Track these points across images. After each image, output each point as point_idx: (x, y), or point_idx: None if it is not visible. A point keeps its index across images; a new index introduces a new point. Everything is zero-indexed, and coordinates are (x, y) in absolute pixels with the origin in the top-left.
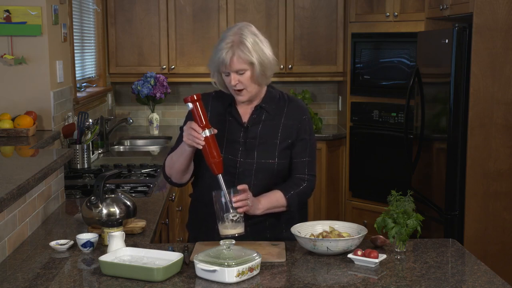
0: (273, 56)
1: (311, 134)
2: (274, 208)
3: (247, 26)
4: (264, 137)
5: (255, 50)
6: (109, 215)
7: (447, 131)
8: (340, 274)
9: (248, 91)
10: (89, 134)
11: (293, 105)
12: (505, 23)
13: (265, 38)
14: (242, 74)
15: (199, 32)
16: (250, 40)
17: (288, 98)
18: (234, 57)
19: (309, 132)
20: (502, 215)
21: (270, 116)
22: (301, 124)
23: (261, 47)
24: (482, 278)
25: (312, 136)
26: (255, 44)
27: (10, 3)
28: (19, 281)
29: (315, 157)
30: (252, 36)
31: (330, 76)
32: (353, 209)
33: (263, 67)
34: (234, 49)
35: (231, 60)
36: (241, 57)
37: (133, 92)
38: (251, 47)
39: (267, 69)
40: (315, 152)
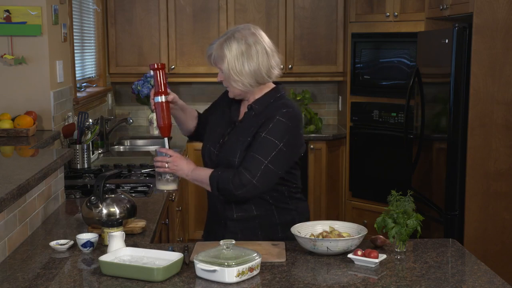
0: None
1: (270, 134)
2: (200, 183)
3: (245, 30)
4: (239, 135)
5: (229, 58)
6: (109, 215)
7: (447, 131)
8: (340, 274)
9: (231, 91)
10: (89, 134)
11: (274, 106)
12: (505, 23)
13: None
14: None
15: (199, 32)
16: (231, 47)
17: (278, 102)
18: (212, 56)
19: (269, 131)
20: (502, 215)
21: (255, 116)
22: (266, 121)
23: (239, 58)
24: (482, 278)
25: (271, 137)
26: (234, 53)
27: (10, 3)
28: (19, 281)
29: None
30: (238, 44)
31: (330, 76)
32: (353, 209)
33: (234, 75)
34: (216, 47)
35: (211, 57)
36: (215, 58)
37: (133, 92)
38: (227, 53)
39: (241, 77)
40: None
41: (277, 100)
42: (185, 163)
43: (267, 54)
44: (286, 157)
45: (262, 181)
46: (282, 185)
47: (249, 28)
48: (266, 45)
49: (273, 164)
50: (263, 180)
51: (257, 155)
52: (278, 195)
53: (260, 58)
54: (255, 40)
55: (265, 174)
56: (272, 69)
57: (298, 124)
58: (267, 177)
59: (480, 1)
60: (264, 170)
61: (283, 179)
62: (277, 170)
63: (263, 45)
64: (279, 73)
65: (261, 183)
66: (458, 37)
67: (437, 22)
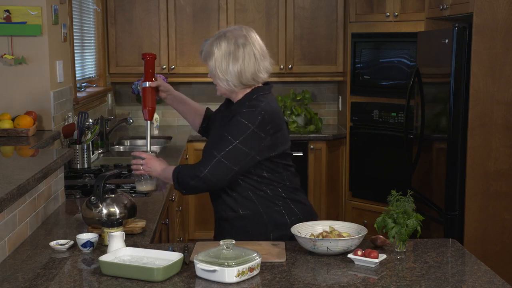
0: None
1: (227, 131)
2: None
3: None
4: (214, 136)
5: (217, 56)
6: (109, 215)
7: (447, 131)
8: (340, 274)
9: (218, 88)
10: (89, 134)
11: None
12: (505, 23)
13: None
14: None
15: (199, 32)
16: (220, 46)
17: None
18: (202, 53)
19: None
20: (502, 215)
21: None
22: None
23: (226, 57)
24: (482, 278)
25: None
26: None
27: (10, 3)
28: (19, 281)
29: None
30: (227, 44)
31: (330, 76)
32: (353, 209)
33: (220, 73)
34: (207, 45)
35: (201, 54)
36: (204, 54)
37: (133, 92)
38: (215, 52)
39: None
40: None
41: (250, 101)
42: (157, 163)
43: (254, 57)
44: (244, 154)
45: (214, 173)
46: (265, 184)
47: (242, 29)
48: (255, 48)
49: (227, 158)
50: (215, 173)
51: (212, 149)
52: (263, 195)
53: (246, 61)
54: (244, 42)
55: (217, 167)
56: (258, 72)
57: (260, 124)
58: (219, 170)
59: (480, 1)
60: (216, 162)
61: (265, 179)
62: (231, 165)
63: (252, 48)
64: (266, 77)
65: (213, 175)
66: (458, 37)
67: (437, 22)
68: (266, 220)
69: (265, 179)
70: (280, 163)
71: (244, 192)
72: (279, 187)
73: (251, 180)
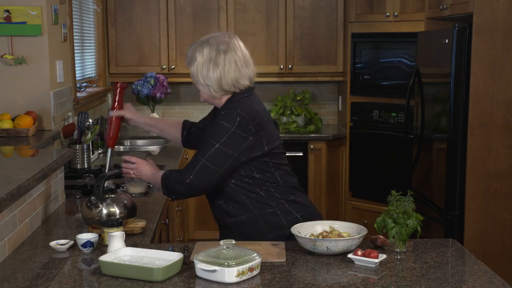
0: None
1: (209, 135)
2: (158, 185)
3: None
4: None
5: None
6: (109, 215)
7: (447, 131)
8: (340, 274)
9: (202, 95)
10: (89, 134)
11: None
12: (505, 23)
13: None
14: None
15: (199, 32)
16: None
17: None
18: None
19: (209, 133)
20: (502, 215)
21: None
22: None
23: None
24: (482, 278)
25: (210, 137)
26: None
27: (10, 3)
28: (19, 281)
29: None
30: (209, 50)
31: (330, 76)
32: (353, 209)
33: (201, 79)
34: (190, 50)
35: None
36: (187, 59)
37: (133, 92)
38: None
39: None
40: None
41: (230, 103)
42: (147, 168)
43: (235, 64)
44: (227, 156)
45: (199, 177)
46: (257, 186)
47: (225, 36)
48: (237, 55)
49: (211, 162)
50: (200, 177)
51: (197, 155)
52: (256, 197)
53: (227, 67)
54: (226, 49)
55: (202, 171)
56: (239, 79)
57: (240, 125)
58: (204, 174)
59: (480, 1)
60: (200, 167)
61: (257, 179)
62: (216, 168)
63: (233, 55)
64: (249, 84)
65: (198, 180)
66: (458, 37)
67: (437, 22)
68: (262, 223)
69: (256, 179)
70: (270, 162)
71: (237, 196)
72: (272, 187)
73: (242, 183)
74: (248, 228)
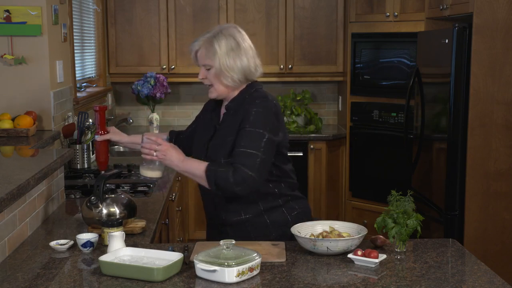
0: (247, 64)
1: (254, 126)
2: (193, 176)
3: (231, 28)
4: (222, 136)
5: (220, 53)
6: (109, 215)
7: (447, 131)
8: (340, 274)
9: (215, 89)
10: (89, 134)
11: (248, 101)
12: (505, 23)
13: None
14: (209, 70)
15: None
16: (221, 43)
17: (252, 96)
18: (198, 52)
19: (250, 123)
20: (502, 215)
21: (233, 115)
22: (245, 116)
23: (230, 53)
24: (482, 278)
25: (255, 128)
26: (225, 48)
27: (10, 3)
28: (19, 281)
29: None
30: (227, 41)
31: (330, 76)
32: (353, 209)
33: (225, 70)
34: (203, 44)
35: (197, 54)
36: (203, 54)
37: (133, 92)
38: (217, 49)
39: (232, 73)
40: (257, 146)
41: (251, 94)
42: (174, 153)
43: (252, 51)
44: (274, 144)
45: (259, 173)
46: (271, 181)
47: (234, 26)
48: (250, 44)
49: (265, 154)
50: (260, 172)
51: (249, 149)
52: (266, 193)
53: (248, 55)
54: (242, 38)
55: (261, 166)
56: (257, 67)
57: (275, 112)
58: (263, 168)
59: (480, 1)
60: (260, 162)
61: (273, 175)
62: (269, 158)
63: (248, 44)
64: (261, 72)
65: (259, 175)
66: (458, 37)
67: (437, 22)
68: (267, 219)
69: (273, 174)
70: (285, 155)
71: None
72: (282, 182)
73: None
74: (252, 226)
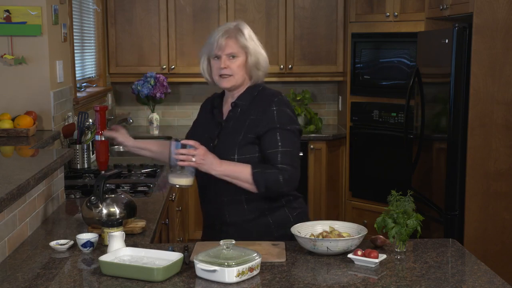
0: (266, 55)
1: (283, 124)
2: (236, 179)
3: (244, 23)
4: (230, 134)
5: (251, 40)
6: (109, 215)
7: (447, 131)
8: (340, 274)
9: (235, 78)
10: (89, 134)
11: (261, 98)
12: (505, 23)
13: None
14: (234, 59)
15: (199, 32)
16: (247, 32)
17: (263, 93)
18: (231, 40)
19: (280, 122)
20: (502, 215)
21: (242, 112)
22: (266, 115)
23: (255, 42)
24: (482, 278)
25: (285, 126)
26: (251, 36)
27: (10, 3)
28: (19, 281)
29: (291, 147)
30: (248, 30)
31: (330, 76)
32: (353, 209)
33: (256, 58)
34: (232, 32)
35: (227, 41)
36: (238, 41)
37: (133, 92)
38: (248, 37)
39: (260, 62)
40: (292, 143)
41: (261, 92)
42: (211, 156)
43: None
44: (300, 135)
45: (299, 167)
46: None
47: (243, 22)
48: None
49: (298, 148)
50: (299, 166)
51: (286, 148)
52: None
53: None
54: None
55: (297, 160)
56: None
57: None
58: (299, 161)
59: (480, 1)
60: (296, 157)
61: None
62: (299, 150)
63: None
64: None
65: (299, 170)
66: (458, 37)
67: (437, 22)
68: (269, 219)
69: None
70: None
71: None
72: None
73: None
74: (256, 225)
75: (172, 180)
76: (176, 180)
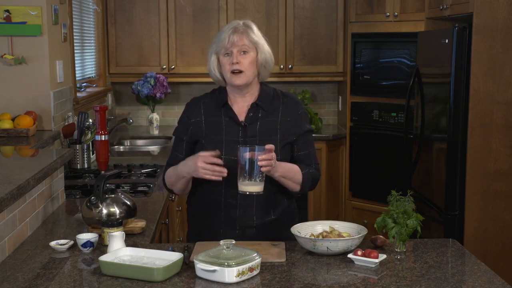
0: (272, 55)
1: (310, 127)
2: (289, 180)
3: (252, 22)
4: (264, 135)
5: (260, 37)
6: (109, 215)
7: (447, 131)
8: (340, 274)
9: (246, 75)
10: (89, 134)
11: (287, 100)
12: (505, 23)
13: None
14: (245, 54)
15: (199, 32)
16: (256, 29)
17: (282, 94)
18: (243, 35)
19: (308, 125)
20: (502, 215)
21: (266, 113)
22: (299, 119)
23: (264, 40)
24: (482, 278)
25: (311, 128)
26: (260, 34)
27: (10, 3)
28: (19, 281)
29: (314, 147)
30: (257, 29)
31: (330, 76)
32: (353, 209)
33: (265, 56)
34: (243, 28)
35: (239, 36)
36: (250, 36)
37: (133, 92)
38: (257, 34)
39: (268, 61)
40: (314, 143)
41: (275, 92)
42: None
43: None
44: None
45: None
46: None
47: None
48: None
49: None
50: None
51: (315, 149)
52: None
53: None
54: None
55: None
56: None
57: None
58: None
59: (480, 1)
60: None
61: None
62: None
63: None
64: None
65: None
66: (458, 37)
67: (437, 22)
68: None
69: None
70: None
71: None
72: None
73: None
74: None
75: (244, 188)
76: (248, 187)
